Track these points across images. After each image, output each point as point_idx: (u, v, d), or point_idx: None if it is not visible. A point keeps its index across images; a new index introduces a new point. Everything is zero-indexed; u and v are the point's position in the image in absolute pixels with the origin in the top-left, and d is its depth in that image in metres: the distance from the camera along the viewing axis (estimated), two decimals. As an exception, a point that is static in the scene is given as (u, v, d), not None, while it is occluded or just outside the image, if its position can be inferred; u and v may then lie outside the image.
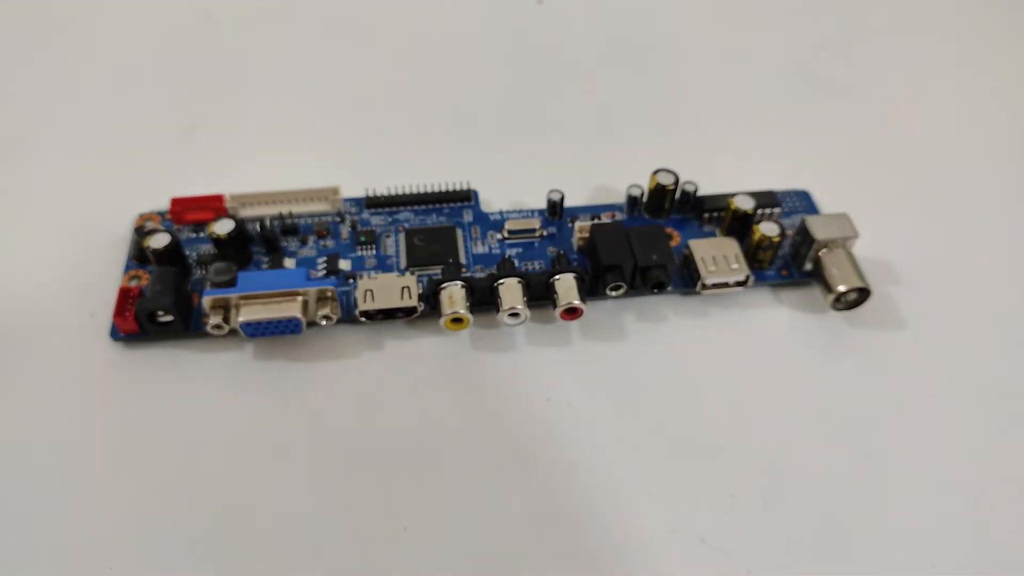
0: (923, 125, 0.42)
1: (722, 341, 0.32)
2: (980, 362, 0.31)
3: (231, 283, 0.30)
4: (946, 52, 0.47)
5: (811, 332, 0.32)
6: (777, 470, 0.28)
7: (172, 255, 0.31)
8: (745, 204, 0.33)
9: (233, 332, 0.30)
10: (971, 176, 0.39)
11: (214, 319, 0.29)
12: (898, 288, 0.34)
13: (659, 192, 0.34)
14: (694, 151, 0.38)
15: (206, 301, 0.29)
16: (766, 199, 0.35)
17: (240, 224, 0.32)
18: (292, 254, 0.33)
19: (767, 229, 0.32)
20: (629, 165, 0.38)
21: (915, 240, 0.36)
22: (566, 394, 0.30)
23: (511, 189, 0.36)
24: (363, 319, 0.30)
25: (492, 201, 0.36)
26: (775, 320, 0.33)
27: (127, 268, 0.33)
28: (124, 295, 0.30)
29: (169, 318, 0.30)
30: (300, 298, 0.29)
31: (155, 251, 0.31)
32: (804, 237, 0.32)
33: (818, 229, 0.32)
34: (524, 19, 0.47)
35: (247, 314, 0.29)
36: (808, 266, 0.33)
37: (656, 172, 0.34)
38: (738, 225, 0.33)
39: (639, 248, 0.31)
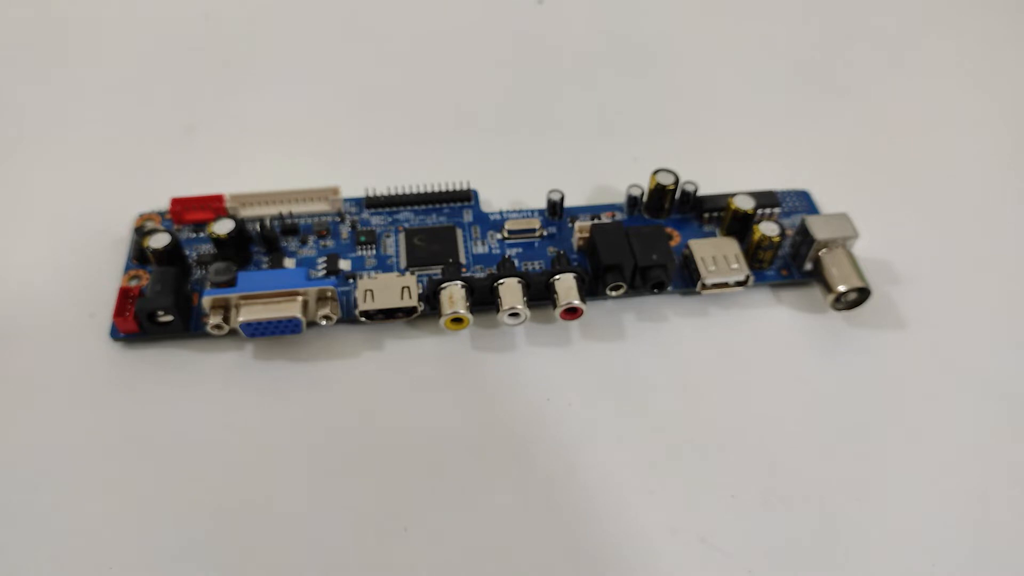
0: (923, 125, 0.42)
1: (722, 341, 0.32)
2: (980, 362, 0.31)
3: (231, 283, 0.30)
4: (946, 52, 0.47)
5: (811, 332, 0.32)
6: (777, 470, 0.28)
7: (172, 255, 0.31)
8: (745, 204, 0.33)
9: (233, 332, 0.30)
10: (971, 176, 0.39)
11: (214, 319, 0.29)
12: (898, 288, 0.34)
13: (659, 192, 0.34)
14: (694, 151, 0.38)
15: (206, 301, 0.29)
16: (766, 199, 0.35)
17: (240, 224, 0.32)
18: (292, 254, 0.33)
19: (767, 229, 0.32)
20: (629, 165, 0.38)
21: (915, 240, 0.36)
22: (566, 394, 0.30)
23: (511, 189, 0.36)
24: (363, 319, 0.30)
25: (492, 201, 0.36)
26: (775, 320, 0.33)
27: (127, 268, 0.33)
28: (124, 295, 0.30)
29: (169, 318, 0.30)
30: (300, 298, 0.29)
31: (155, 251, 0.31)
32: (804, 237, 0.32)
33: (818, 229, 0.32)
34: (524, 19, 0.47)
35: (247, 314, 0.29)
36: (808, 266, 0.33)
37: (656, 172, 0.34)
38: (738, 225, 0.33)
39: (639, 248, 0.31)
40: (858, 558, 0.26)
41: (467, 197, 0.35)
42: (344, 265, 0.33)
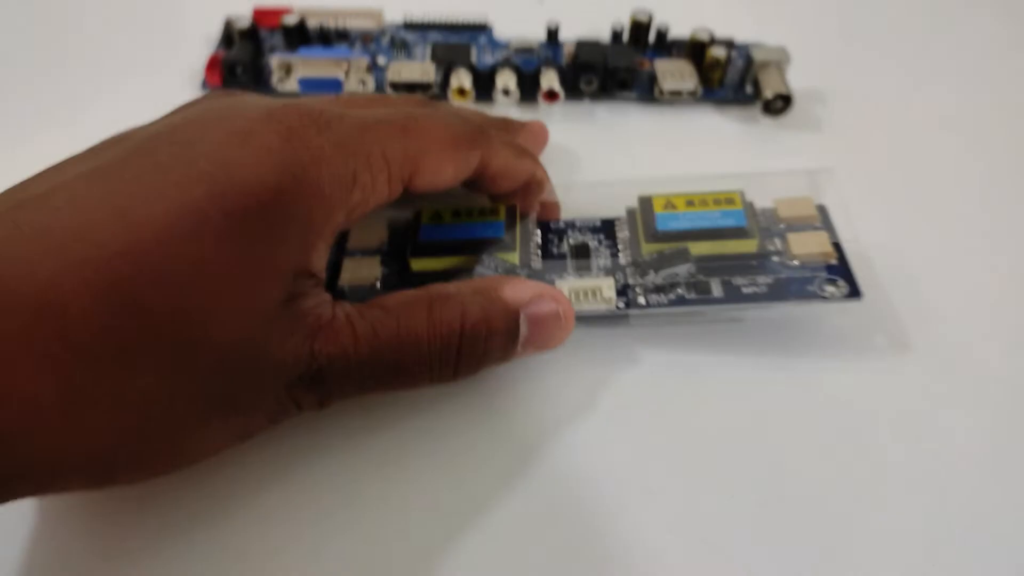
0: (923, 125, 0.41)
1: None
2: (980, 362, 0.31)
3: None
4: (946, 52, 0.46)
5: (810, 329, 0.31)
6: (777, 470, 0.27)
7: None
8: (703, 35, 0.41)
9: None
10: (971, 176, 0.38)
11: (278, 74, 0.39)
12: (898, 288, 0.33)
13: (636, 27, 0.42)
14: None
15: (274, 61, 0.39)
16: (727, 43, 0.42)
17: (302, 20, 0.42)
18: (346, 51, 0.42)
19: (716, 52, 0.40)
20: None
21: (915, 240, 0.35)
22: (566, 394, 0.30)
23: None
24: (391, 89, 0.39)
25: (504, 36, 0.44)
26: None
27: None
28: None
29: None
30: (346, 64, 0.39)
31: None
32: (748, 63, 0.40)
33: (758, 53, 0.40)
34: (524, 19, 0.46)
35: (303, 71, 0.39)
36: (749, 89, 0.41)
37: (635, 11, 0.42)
38: (696, 52, 0.41)
39: (612, 56, 0.40)
40: (858, 558, 0.25)
41: (483, 27, 0.44)
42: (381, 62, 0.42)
